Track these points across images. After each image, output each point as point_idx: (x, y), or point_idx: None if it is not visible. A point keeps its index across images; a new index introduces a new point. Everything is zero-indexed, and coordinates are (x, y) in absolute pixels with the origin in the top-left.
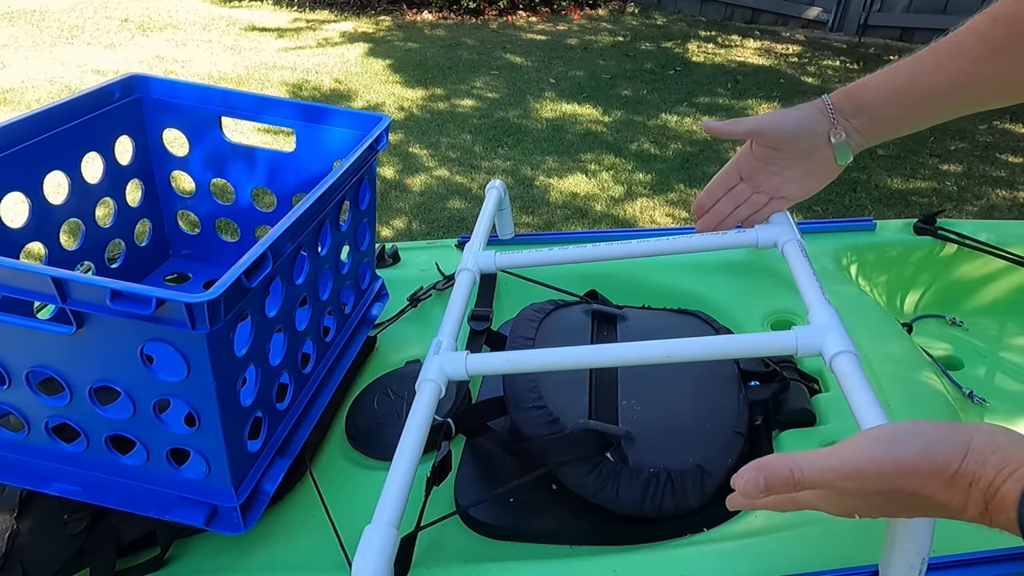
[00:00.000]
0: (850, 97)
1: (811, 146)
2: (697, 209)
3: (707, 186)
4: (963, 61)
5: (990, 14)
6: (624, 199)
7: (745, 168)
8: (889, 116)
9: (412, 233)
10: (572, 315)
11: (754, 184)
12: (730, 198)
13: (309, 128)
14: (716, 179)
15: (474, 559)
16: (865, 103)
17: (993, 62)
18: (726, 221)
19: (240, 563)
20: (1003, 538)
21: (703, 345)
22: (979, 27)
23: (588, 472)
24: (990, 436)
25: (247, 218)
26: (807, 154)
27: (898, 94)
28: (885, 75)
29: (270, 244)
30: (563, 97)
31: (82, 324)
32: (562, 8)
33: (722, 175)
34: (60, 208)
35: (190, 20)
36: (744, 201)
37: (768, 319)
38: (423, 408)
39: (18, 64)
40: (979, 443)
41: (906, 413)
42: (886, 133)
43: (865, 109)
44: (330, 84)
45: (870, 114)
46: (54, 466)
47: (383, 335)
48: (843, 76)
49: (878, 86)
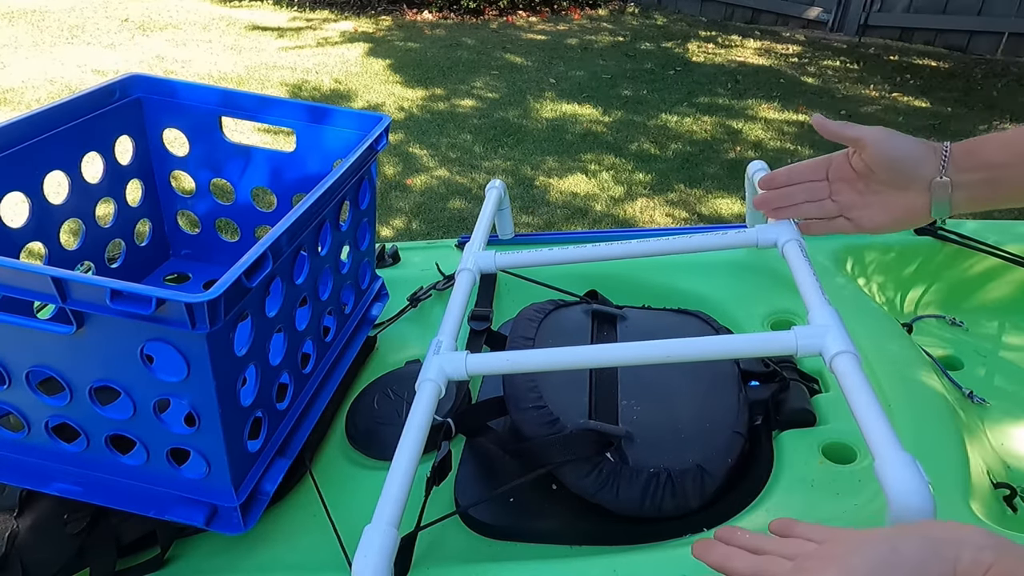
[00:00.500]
0: (970, 150)
1: (907, 182)
2: (769, 182)
3: (792, 165)
4: None
5: None
6: (624, 199)
7: (836, 170)
8: (1010, 176)
9: (412, 233)
10: (572, 315)
11: (835, 190)
12: (807, 189)
13: (309, 128)
14: (805, 164)
15: (474, 559)
16: (985, 158)
17: None
18: (790, 209)
19: (240, 563)
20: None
21: (703, 345)
22: None
23: (588, 472)
24: (975, 555)
25: (247, 218)
26: (899, 188)
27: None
28: (1007, 134)
29: (270, 244)
30: (563, 97)
31: (82, 324)
32: (562, 8)
33: (812, 163)
34: (60, 208)
35: (190, 20)
36: (817, 200)
37: (768, 319)
38: (423, 408)
39: (18, 64)
40: (965, 568)
41: (906, 413)
42: (1000, 196)
43: (984, 165)
44: (330, 84)
45: (989, 171)
46: (54, 466)
47: (383, 335)
48: (843, 76)
49: (1001, 142)
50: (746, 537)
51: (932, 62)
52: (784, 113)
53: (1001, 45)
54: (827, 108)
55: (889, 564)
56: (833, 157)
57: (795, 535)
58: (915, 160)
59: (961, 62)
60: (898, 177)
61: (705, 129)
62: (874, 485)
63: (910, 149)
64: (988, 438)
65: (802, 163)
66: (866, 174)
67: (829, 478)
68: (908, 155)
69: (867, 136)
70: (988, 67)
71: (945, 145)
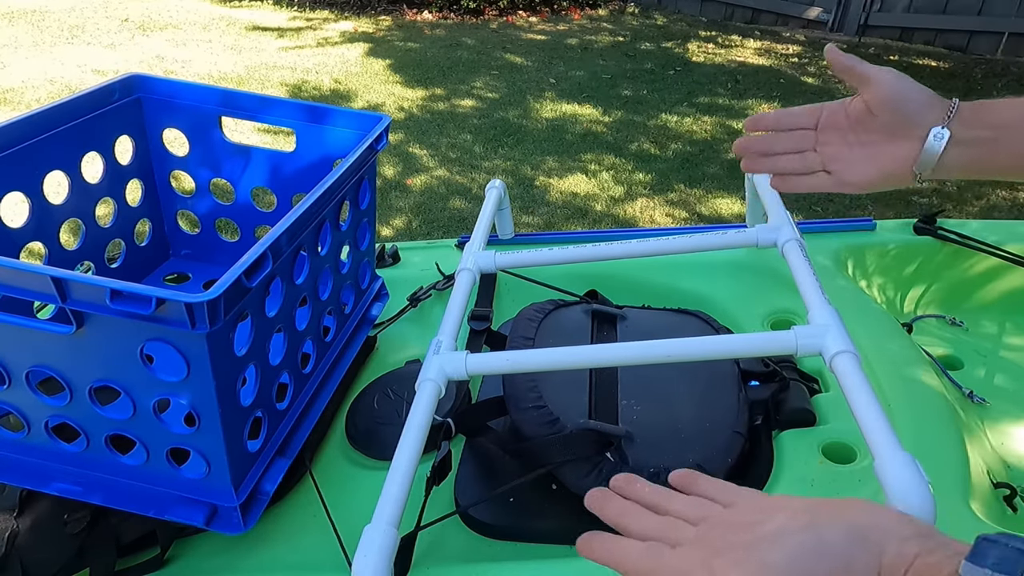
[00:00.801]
0: (977, 108)
1: (906, 129)
2: (754, 124)
3: (783, 110)
4: None
5: None
6: (624, 199)
7: (828, 117)
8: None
9: (412, 233)
10: (572, 315)
11: (822, 140)
12: (792, 137)
13: (309, 128)
14: (796, 109)
15: (474, 559)
16: (992, 117)
17: None
18: (767, 160)
19: (240, 563)
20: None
21: (703, 345)
22: None
23: (588, 472)
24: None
25: (247, 218)
26: (894, 137)
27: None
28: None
29: (270, 244)
30: (563, 97)
31: (82, 324)
32: (562, 8)
33: (804, 109)
34: (60, 208)
35: (190, 20)
36: (799, 151)
37: (768, 319)
38: (423, 408)
39: (18, 64)
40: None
41: (906, 413)
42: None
43: (990, 124)
44: (330, 84)
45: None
46: (54, 466)
47: (383, 335)
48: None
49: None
50: (645, 491)
51: (932, 62)
52: None
53: (1001, 45)
54: None
55: (814, 555)
56: (827, 104)
57: (698, 492)
58: (920, 104)
59: (961, 62)
60: (898, 121)
61: (705, 129)
62: (874, 485)
63: (918, 93)
64: (988, 438)
65: (794, 108)
66: (862, 120)
67: (829, 478)
68: (915, 99)
69: (877, 74)
70: (988, 67)
71: (954, 100)
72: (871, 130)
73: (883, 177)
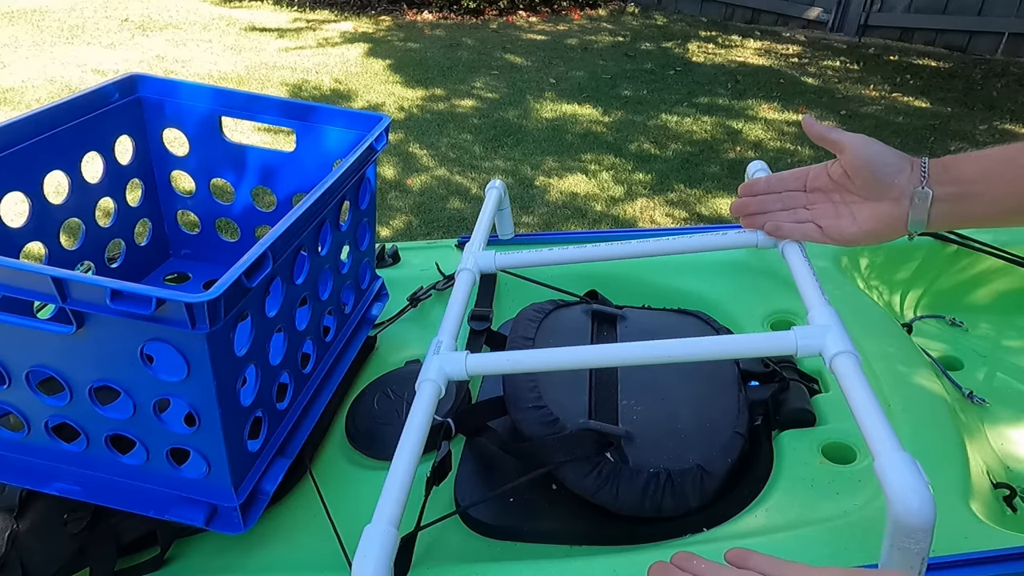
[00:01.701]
0: (945, 165)
1: (881, 192)
2: (748, 189)
3: (773, 175)
4: None
5: None
6: (624, 199)
7: (814, 179)
8: (979, 192)
9: (412, 233)
10: (572, 315)
11: (810, 200)
12: (784, 198)
13: (309, 128)
14: (785, 173)
15: (474, 559)
16: (957, 172)
17: None
18: (762, 216)
19: (240, 563)
20: (1002, 538)
21: (703, 345)
22: None
23: (588, 472)
24: None
25: (247, 218)
26: (873, 199)
27: (997, 168)
28: (983, 151)
29: (270, 244)
30: (563, 97)
31: (82, 324)
32: (562, 8)
33: (792, 173)
34: (60, 208)
35: (190, 20)
36: (791, 209)
37: (768, 319)
38: (423, 408)
39: (18, 64)
40: None
41: (906, 413)
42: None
43: (957, 179)
44: (330, 84)
45: (960, 185)
46: (54, 466)
47: (383, 335)
48: (843, 76)
49: (974, 157)
50: (702, 567)
51: (932, 62)
52: (784, 113)
53: (1001, 45)
54: (827, 108)
55: None
56: (812, 168)
57: (750, 567)
58: (892, 169)
59: (961, 62)
60: (873, 185)
61: (705, 129)
62: (874, 485)
63: (888, 157)
64: (988, 438)
65: (782, 172)
66: (843, 183)
67: (829, 478)
68: (886, 163)
69: (848, 140)
70: (988, 67)
71: (924, 159)
72: (852, 191)
73: (867, 234)
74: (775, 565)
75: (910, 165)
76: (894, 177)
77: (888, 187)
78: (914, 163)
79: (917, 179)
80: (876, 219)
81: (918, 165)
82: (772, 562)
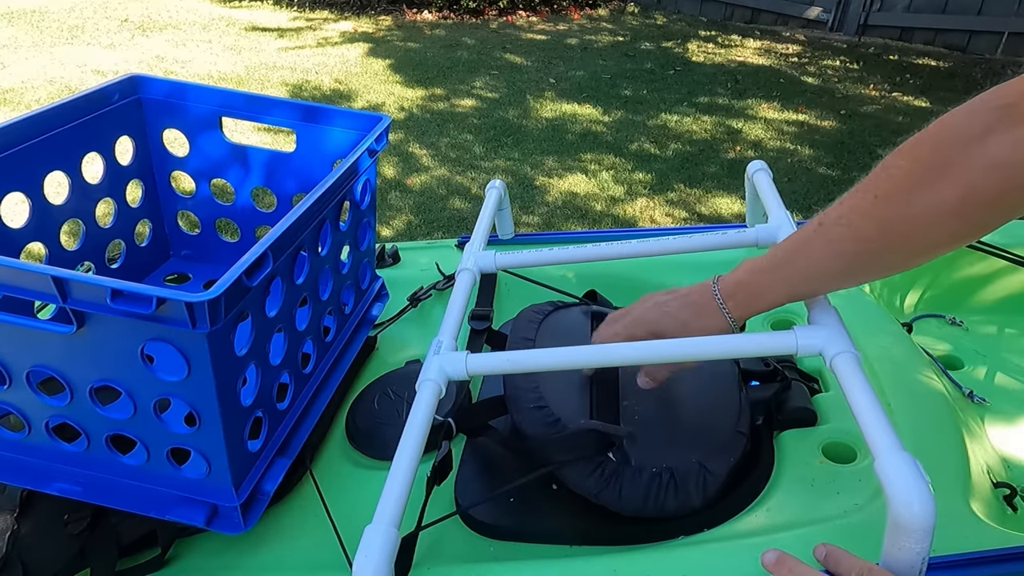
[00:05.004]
0: (734, 276)
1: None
2: None
3: None
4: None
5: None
6: (624, 199)
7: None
8: (763, 282)
9: (412, 233)
10: (572, 315)
11: None
12: None
13: (309, 128)
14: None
15: (474, 559)
16: (742, 278)
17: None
18: None
19: (240, 563)
20: (1003, 538)
21: (704, 345)
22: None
23: (590, 472)
24: None
25: (247, 218)
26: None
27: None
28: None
29: (270, 244)
30: (563, 97)
31: (83, 324)
32: (562, 8)
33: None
34: (60, 208)
35: (190, 20)
36: None
37: (768, 319)
38: (423, 408)
39: (18, 64)
40: None
41: (906, 413)
42: (761, 304)
43: (742, 283)
44: (330, 84)
45: (747, 287)
46: (55, 466)
47: (383, 335)
48: (843, 76)
49: (758, 259)
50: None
51: (932, 62)
52: (784, 113)
53: (1001, 45)
54: (827, 108)
55: None
56: None
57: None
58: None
59: (961, 62)
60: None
61: (705, 129)
62: (874, 484)
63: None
64: (988, 438)
65: None
66: None
67: (829, 478)
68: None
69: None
70: (988, 67)
71: (715, 291)
72: None
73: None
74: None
75: (718, 315)
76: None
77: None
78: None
79: (724, 320)
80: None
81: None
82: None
